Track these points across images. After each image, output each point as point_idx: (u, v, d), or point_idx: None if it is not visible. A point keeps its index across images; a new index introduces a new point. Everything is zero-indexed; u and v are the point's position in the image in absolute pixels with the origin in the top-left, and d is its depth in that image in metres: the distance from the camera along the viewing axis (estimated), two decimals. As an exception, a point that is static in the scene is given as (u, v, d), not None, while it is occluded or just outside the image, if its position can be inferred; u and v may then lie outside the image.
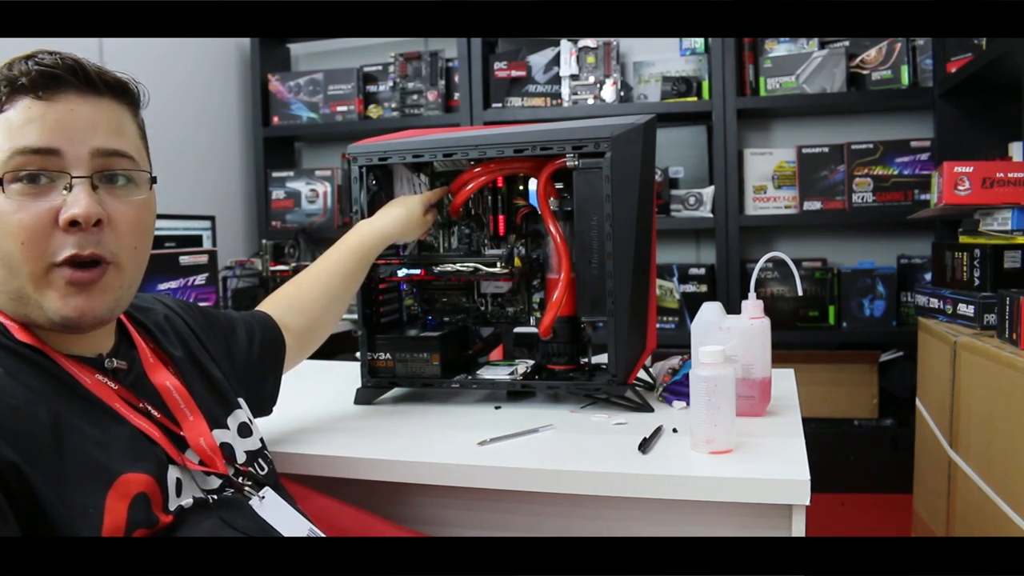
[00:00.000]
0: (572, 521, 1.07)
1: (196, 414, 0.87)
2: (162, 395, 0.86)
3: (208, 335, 1.02)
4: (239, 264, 2.82)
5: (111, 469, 0.74)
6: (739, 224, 2.78)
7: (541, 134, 1.27)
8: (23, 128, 0.75)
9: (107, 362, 0.83)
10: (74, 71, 0.77)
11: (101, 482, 0.73)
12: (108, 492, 0.72)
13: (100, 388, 0.79)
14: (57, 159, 0.76)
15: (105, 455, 0.74)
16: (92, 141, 0.77)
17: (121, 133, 0.81)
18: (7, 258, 0.75)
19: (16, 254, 0.74)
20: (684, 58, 2.89)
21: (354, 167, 1.36)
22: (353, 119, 3.13)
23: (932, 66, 2.63)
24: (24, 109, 0.75)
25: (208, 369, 0.97)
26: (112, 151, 0.79)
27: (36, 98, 0.75)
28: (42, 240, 0.75)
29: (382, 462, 1.07)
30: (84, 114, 0.77)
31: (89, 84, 0.78)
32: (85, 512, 0.70)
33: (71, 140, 0.76)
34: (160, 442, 0.80)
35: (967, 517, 1.52)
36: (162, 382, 0.87)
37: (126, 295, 0.82)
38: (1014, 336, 1.36)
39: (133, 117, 0.84)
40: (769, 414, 1.22)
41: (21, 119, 0.75)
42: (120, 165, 0.80)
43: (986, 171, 1.61)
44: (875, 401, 2.72)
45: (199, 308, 1.07)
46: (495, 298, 1.43)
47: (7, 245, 0.74)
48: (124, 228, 0.79)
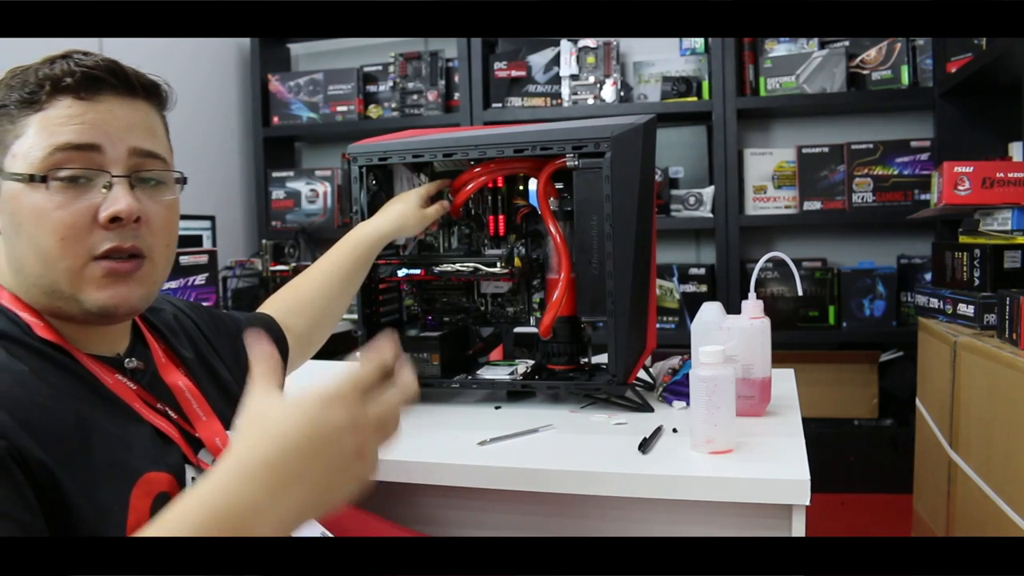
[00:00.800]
0: (572, 521, 1.07)
1: (210, 415, 0.88)
2: (175, 396, 0.87)
3: (215, 335, 1.02)
4: (239, 264, 2.82)
5: (134, 468, 0.74)
6: (739, 224, 2.78)
7: (541, 134, 1.27)
8: (63, 126, 0.76)
9: (127, 362, 0.84)
10: (114, 73, 0.79)
11: (125, 481, 0.73)
12: (132, 491, 0.73)
13: (120, 388, 0.80)
14: (97, 155, 0.77)
15: (128, 454, 0.75)
16: (129, 141, 0.79)
17: (154, 134, 0.83)
18: (44, 254, 0.76)
19: (54, 250, 0.76)
20: (684, 58, 2.89)
21: (354, 167, 1.36)
22: (353, 119, 3.13)
23: (932, 66, 2.63)
24: (64, 108, 0.76)
25: (217, 370, 0.97)
26: (147, 152, 0.81)
27: (78, 98, 0.77)
28: (81, 236, 0.76)
29: (382, 462, 1.07)
30: (121, 115, 0.79)
31: (127, 86, 0.80)
32: (111, 510, 0.71)
33: (109, 139, 0.77)
34: (178, 442, 0.81)
35: (967, 517, 1.52)
36: (175, 382, 0.88)
37: (155, 290, 0.84)
38: (1014, 336, 1.36)
39: (162, 118, 0.86)
40: (769, 414, 1.22)
41: (61, 118, 0.76)
42: (153, 166, 0.82)
43: (986, 171, 1.61)
44: (875, 401, 2.72)
45: (205, 308, 1.07)
46: (495, 298, 1.43)
47: (45, 241, 0.76)
48: (158, 226, 0.82)
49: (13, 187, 0.76)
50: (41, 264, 0.76)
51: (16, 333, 0.76)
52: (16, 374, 0.72)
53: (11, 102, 0.77)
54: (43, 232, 0.76)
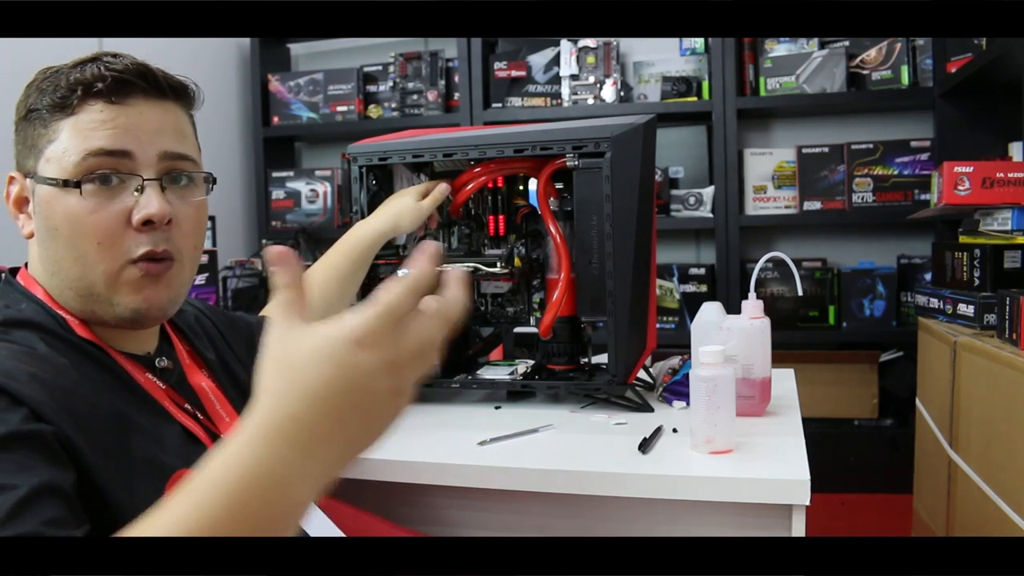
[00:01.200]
0: (572, 521, 1.07)
1: (232, 415, 0.89)
2: (200, 396, 0.88)
3: (233, 337, 1.03)
4: (239, 264, 2.82)
5: (168, 465, 0.76)
6: (739, 224, 2.78)
7: (541, 134, 1.27)
8: (95, 131, 0.77)
9: (157, 361, 0.85)
10: (144, 75, 0.80)
11: (159, 477, 0.74)
12: (166, 487, 0.74)
13: (152, 387, 0.82)
14: (129, 161, 0.78)
15: (161, 451, 0.76)
16: (160, 144, 0.80)
17: (184, 136, 0.84)
18: (83, 257, 0.78)
19: (92, 253, 0.77)
20: (684, 58, 2.89)
21: (354, 167, 1.36)
22: (353, 119, 3.13)
23: (932, 66, 2.63)
24: (96, 112, 0.77)
25: (236, 372, 0.98)
26: (178, 155, 0.82)
27: (109, 103, 0.78)
28: (117, 240, 0.78)
29: (382, 462, 1.07)
30: (152, 117, 0.80)
31: (156, 88, 0.81)
32: (146, 505, 0.72)
33: (140, 143, 0.79)
34: (205, 442, 0.82)
35: (967, 517, 1.52)
36: (199, 384, 0.89)
37: (183, 291, 0.86)
38: (1014, 336, 1.36)
39: (190, 119, 0.87)
40: (769, 414, 1.22)
41: (93, 122, 0.77)
42: (184, 167, 0.83)
43: (986, 171, 1.61)
44: (875, 401, 2.72)
45: (220, 310, 1.09)
46: (495, 298, 1.43)
47: (83, 245, 0.77)
48: (188, 227, 0.83)
49: (48, 191, 0.78)
50: (80, 267, 0.78)
51: (56, 328, 0.78)
52: (58, 366, 0.73)
53: (43, 106, 0.78)
54: (80, 236, 0.77)
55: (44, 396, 0.68)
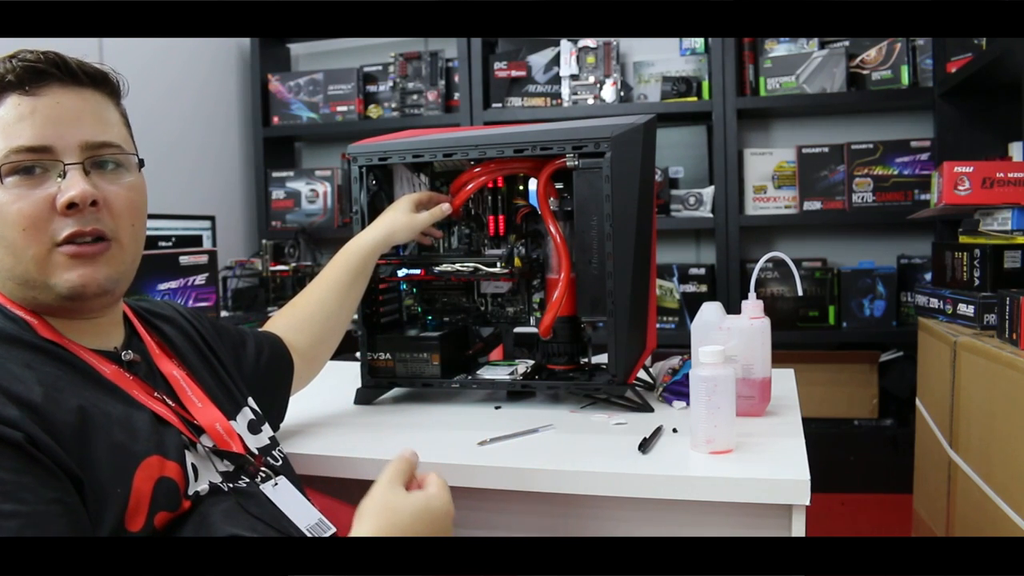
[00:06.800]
0: (572, 521, 1.07)
1: (205, 401, 0.90)
2: (171, 384, 0.89)
3: (217, 342, 1.04)
4: (239, 264, 2.82)
5: (137, 451, 0.77)
6: (739, 224, 2.78)
7: (541, 134, 1.27)
8: (16, 126, 0.79)
9: (123, 355, 0.86)
10: (56, 64, 0.81)
11: (128, 463, 0.75)
12: (135, 473, 0.75)
13: (119, 377, 0.83)
14: (50, 155, 0.79)
15: (129, 438, 0.77)
16: (80, 134, 0.81)
17: (106, 122, 0.84)
18: (11, 246, 0.79)
19: (19, 240, 0.79)
20: (684, 58, 2.89)
21: (354, 167, 1.36)
22: (353, 119, 3.13)
23: (932, 66, 2.63)
24: (14, 106, 0.79)
25: (216, 368, 0.99)
26: (100, 143, 0.83)
27: (24, 93, 0.79)
28: (42, 225, 0.79)
29: (382, 462, 1.07)
30: (69, 105, 0.81)
31: (71, 76, 0.82)
32: (113, 491, 0.73)
33: (60, 135, 0.80)
34: (176, 426, 0.83)
35: (967, 517, 1.52)
36: (169, 371, 0.90)
37: (128, 271, 0.87)
38: (1014, 336, 1.36)
39: (115, 106, 0.88)
40: (769, 414, 1.22)
41: (13, 117, 0.79)
42: (108, 154, 0.84)
43: (986, 171, 1.61)
44: (875, 401, 2.72)
45: (210, 319, 1.10)
46: (495, 298, 1.43)
47: (10, 234, 0.79)
48: (120, 208, 0.84)
49: None
50: (12, 256, 0.80)
51: (13, 330, 0.79)
52: (16, 368, 0.74)
53: None
54: (7, 226, 0.79)
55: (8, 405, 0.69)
